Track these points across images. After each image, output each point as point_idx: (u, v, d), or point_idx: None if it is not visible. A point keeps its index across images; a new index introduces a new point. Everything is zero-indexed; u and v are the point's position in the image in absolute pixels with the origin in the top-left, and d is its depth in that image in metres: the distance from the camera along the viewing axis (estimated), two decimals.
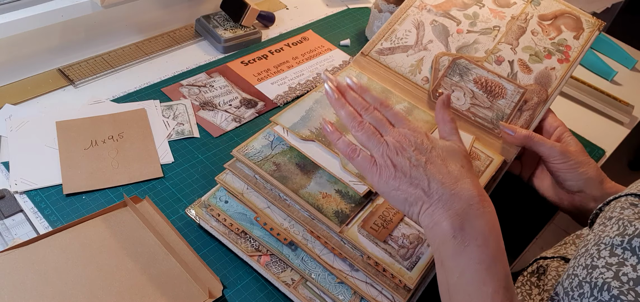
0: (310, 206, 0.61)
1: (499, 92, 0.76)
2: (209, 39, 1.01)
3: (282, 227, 0.63)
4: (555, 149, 0.71)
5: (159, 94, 0.88)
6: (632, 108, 1.03)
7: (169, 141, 0.80)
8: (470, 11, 0.85)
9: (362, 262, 0.60)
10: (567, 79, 0.78)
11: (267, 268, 0.63)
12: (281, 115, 0.69)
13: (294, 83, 0.95)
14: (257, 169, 0.64)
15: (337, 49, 1.06)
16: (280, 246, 0.64)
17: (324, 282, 0.61)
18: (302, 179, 0.64)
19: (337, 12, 1.18)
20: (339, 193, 0.63)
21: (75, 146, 0.76)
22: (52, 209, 0.68)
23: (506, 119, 0.74)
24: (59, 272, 0.60)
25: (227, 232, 0.66)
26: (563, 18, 0.84)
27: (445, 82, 0.78)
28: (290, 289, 0.62)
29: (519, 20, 0.84)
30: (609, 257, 0.49)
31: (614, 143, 0.98)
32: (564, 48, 0.81)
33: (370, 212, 0.62)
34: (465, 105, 0.76)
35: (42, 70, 0.89)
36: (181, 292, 0.61)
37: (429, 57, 0.80)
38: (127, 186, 0.73)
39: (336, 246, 0.61)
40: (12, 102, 0.82)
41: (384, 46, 0.82)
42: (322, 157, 0.65)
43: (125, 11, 0.97)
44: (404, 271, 0.58)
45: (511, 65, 0.79)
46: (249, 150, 0.66)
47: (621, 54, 1.19)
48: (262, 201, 0.65)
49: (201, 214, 0.67)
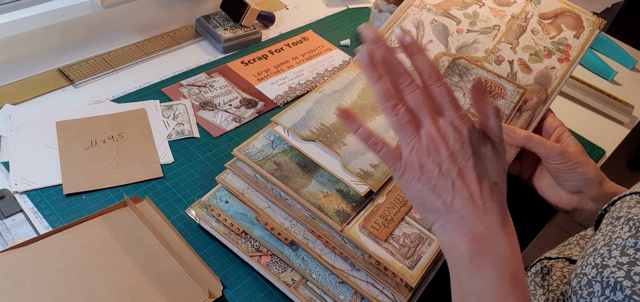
0: (311, 205, 0.61)
1: (499, 92, 0.76)
2: (209, 39, 1.01)
3: (283, 226, 0.63)
4: (554, 150, 0.71)
5: (159, 94, 0.88)
6: (632, 108, 1.03)
7: (169, 141, 0.80)
8: (470, 10, 0.85)
9: (363, 261, 0.60)
10: (567, 79, 0.78)
11: (268, 268, 0.63)
12: (282, 115, 0.69)
13: (294, 83, 0.95)
14: (258, 169, 0.64)
15: (337, 49, 1.06)
16: (281, 246, 0.64)
17: (325, 282, 0.61)
18: (303, 178, 0.64)
19: (337, 12, 1.18)
20: (340, 192, 0.63)
21: (75, 146, 0.76)
22: (52, 209, 0.68)
23: (506, 120, 0.74)
24: (59, 272, 0.60)
25: (227, 233, 0.66)
26: (563, 17, 0.84)
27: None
28: (291, 289, 0.62)
29: (519, 19, 0.83)
30: (620, 256, 0.49)
31: (614, 143, 0.98)
32: (564, 47, 0.81)
33: (371, 211, 0.62)
34: (465, 106, 0.76)
35: (42, 70, 0.89)
36: (181, 292, 0.61)
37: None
38: (127, 186, 0.73)
39: (337, 245, 0.61)
40: (12, 102, 0.82)
41: None
42: (323, 157, 0.65)
43: (125, 11, 0.97)
44: (405, 270, 0.58)
45: (511, 65, 0.79)
46: (250, 149, 0.66)
47: (621, 54, 1.19)
48: (262, 200, 0.65)
49: (201, 214, 0.67)
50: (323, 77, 0.98)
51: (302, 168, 0.65)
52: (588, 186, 0.71)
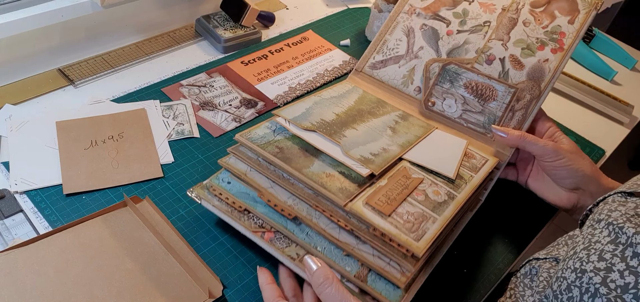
0: (314, 183, 0.61)
1: (490, 94, 0.76)
2: (209, 39, 1.01)
3: (286, 203, 0.63)
4: (548, 148, 0.71)
5: (159, 94, 0.88)
6: (632, 108, 1.03)
7: (169, 141, 0.80)
8: (459, 9, 0.84)
9: (368, 234, 0.59)
10: (561, 70, 0.77)
11: (272, 243, 0.63)
12: (283, 110, 0.69)
13: (294, 83, 0.95)
14: (260, 151, 0.64)
15: (337, 49, 1.06)
16: (285, 221, 0.63)
17: (330, 255, 0.61)
18: (305, 160, 0.64)
19: (337, 12, 1.18)
20: (342, 174, 0.63)
21: (75, 146, 0.76)
22: (52, 209, 0.68)
23: (498, 122, 0.74)
24: (59, 272, 0.60)
25: (229, 211, 0.65)
26: (556, 2, 0.81)
27: (436, 90, 0.78)
28: (296, 262, 0.61)
29: (510, 11, 0.82)
30: (598, 261, 0.49)
31: (614, 143, 0.98)
32: (557, 36, 0.79)
33: (374, 191, 0.62)
34: (457, 112, 0.76)
35: (42, 70, 0.89)
36: (181, 292, 0.61)
37: (420, 66, 0.80)
38: (127, 186, 0.73)
39: (342, 218, 0.60)
40: (12, 102, 0.82)
41: (376, 60, 0.83)
42: (324, 144, 0.65)
43: (125, 11, 0.97)
44: (411, 241, 0.57)
45: (502, 63, 0.78)
46: (253, 135, 0.66)
47: (621, 54, 1.19)
48: (265, 180, 0.65)
49: (203, 194, 0.67)
50: (323, 77, 0.98)
51: (304, 151, 0.65)
52: (585, 182, 0.71)
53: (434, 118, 0.78)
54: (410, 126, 0.75)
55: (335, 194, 0.60)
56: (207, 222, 0.70)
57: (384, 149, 0.68)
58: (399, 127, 0.74)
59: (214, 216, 0.70)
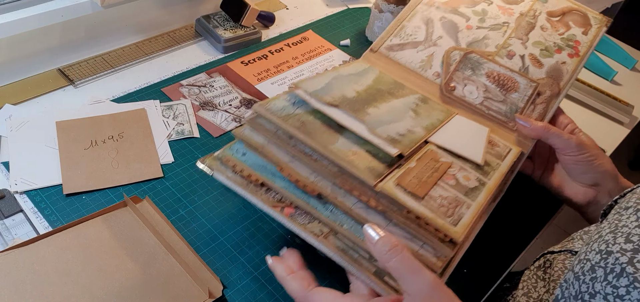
0: (341, 160, 0.57)
1: (512, 85, 0.76)
2: (209, 39, 1.01)
3: (308, 180, 0.59)
4: (571, 141, 0.71)
5: (159, 94, 0.88)
6: (632, 108, 1.03)
7: (169, 141, 0.80)
8: (479, 8, 0.84)
9: (402, 215, 0.56)
10: (578, 73, 0.78)
11: (292, 219, 0.59)
12: (302, 82, 0.66)
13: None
14: (282, 125, 0.60)
15: (337, 49, 1.06)
16: (307, 197, 0.59)
17: (357, 233, 0.57)
18: (329, 136, 0.60)
19: (337, 12, 1.18)
20: (369, 153, 0.60)
21: (75, 146, 0.76)
22: (52, 209, 0.68)
23: (520, 112, 0.74)
24: (59, 272, 0.60)
25: (245, 184, 0.61)
26: (571, 15, 0.84)
27: (457, 76, 0.77)
28: (320, 238, 0.58)
29: (527, 16, 0.83)
30: (625, 243, 0.49)
31: (614, 143, 0.98)
32: (573, 43, 0.81)
33: (404, 172, 0.59)
34: (479, 99, 0.75)
35: (42, 70, 0.89)
36: (181, 292, 0.61)
37: (439, 53, 0.79)
38: (127, 186, 0.73)
39: (373, 198, 0.57)
40: (12, 102, 0.82)
41: (394, 42, 0.81)
42: (349, 121, 0.62)
43: (125, 11, 0.97)
44: (449, 226, 0.55)
45: (522, 59, 0.78)
46: (272, 106, 0.62)
47: (621, 54, 1.19)
48: (284, 154, 0.61)
49: (216, 165, 0.63)
50: None
51: (327, 127, 0.62)
52: (605, 179, 0.71)
53: (453, 103, 0.76)
54: (431, 110, 0.72)
55: (363, 172, 0.57)
56: (207, 222, 0.70)
57: (410, 130, 0.65)
58: (420, 110, 0.71)
59: (214, 216, 0.70)
